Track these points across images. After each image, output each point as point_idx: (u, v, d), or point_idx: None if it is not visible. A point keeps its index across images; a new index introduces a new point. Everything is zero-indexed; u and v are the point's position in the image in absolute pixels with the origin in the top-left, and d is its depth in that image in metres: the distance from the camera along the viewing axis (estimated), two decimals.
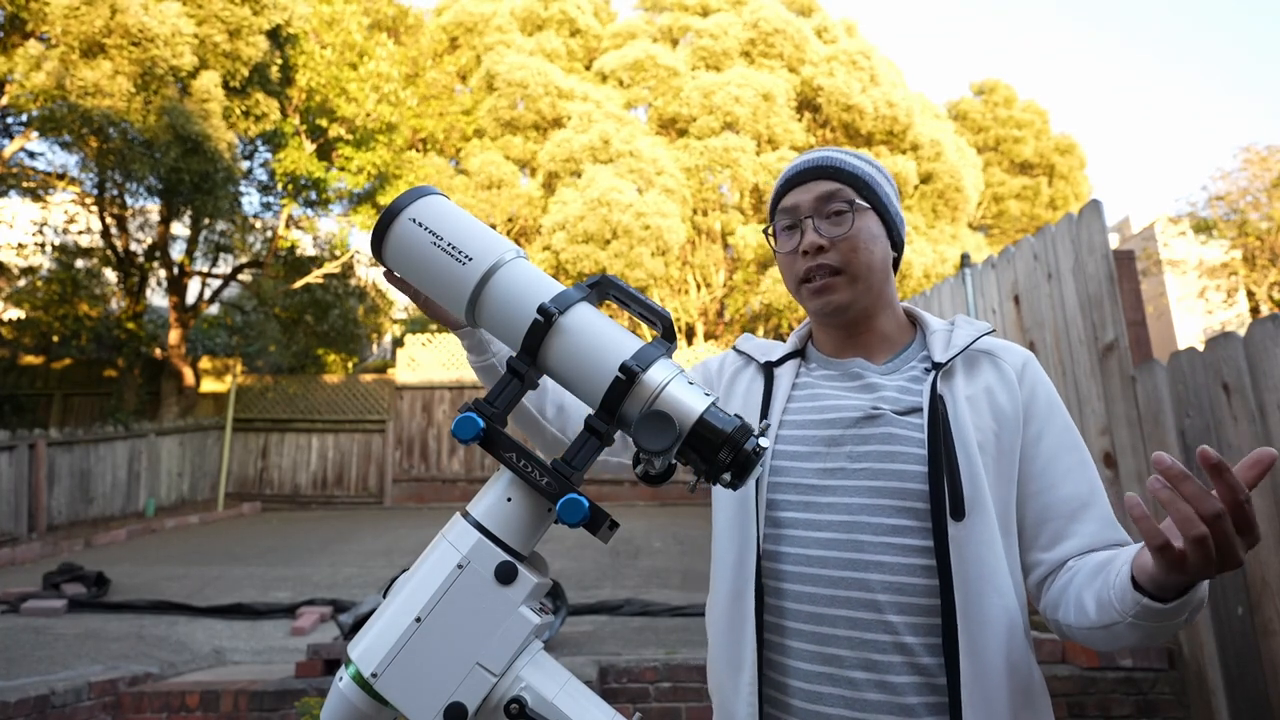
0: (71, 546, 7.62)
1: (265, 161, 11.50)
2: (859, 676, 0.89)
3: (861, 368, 1.03)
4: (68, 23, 7.86)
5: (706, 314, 13.57)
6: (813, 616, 0.92)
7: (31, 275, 10.90)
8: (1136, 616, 0.77)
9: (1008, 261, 3.89)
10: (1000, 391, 0.96)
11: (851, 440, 0.96)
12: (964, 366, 0.99)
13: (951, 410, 0.94)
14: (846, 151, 1.05)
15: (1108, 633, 0.82)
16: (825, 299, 1.00)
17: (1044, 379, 0.99)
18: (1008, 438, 0.94)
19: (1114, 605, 0.79)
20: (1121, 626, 0.80)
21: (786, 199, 1.04)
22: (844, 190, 1.00)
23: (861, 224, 1.00)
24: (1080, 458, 0.95)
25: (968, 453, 0.91)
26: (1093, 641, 0.86)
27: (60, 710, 3.03)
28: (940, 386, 0.95)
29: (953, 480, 0.90)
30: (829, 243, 0.99)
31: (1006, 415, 0.95)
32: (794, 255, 1.02)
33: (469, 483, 10.99)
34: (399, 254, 0.83)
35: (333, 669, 3.24)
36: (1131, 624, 0.78)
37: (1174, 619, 0.77)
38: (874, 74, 13.26)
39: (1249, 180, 11.76)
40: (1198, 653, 2.66)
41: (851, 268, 0.99)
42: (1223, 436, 2.48)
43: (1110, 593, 0.80)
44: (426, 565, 0.75)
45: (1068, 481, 0.94)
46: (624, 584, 5.39)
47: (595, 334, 0.78)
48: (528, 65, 13.12)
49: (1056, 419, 0.97)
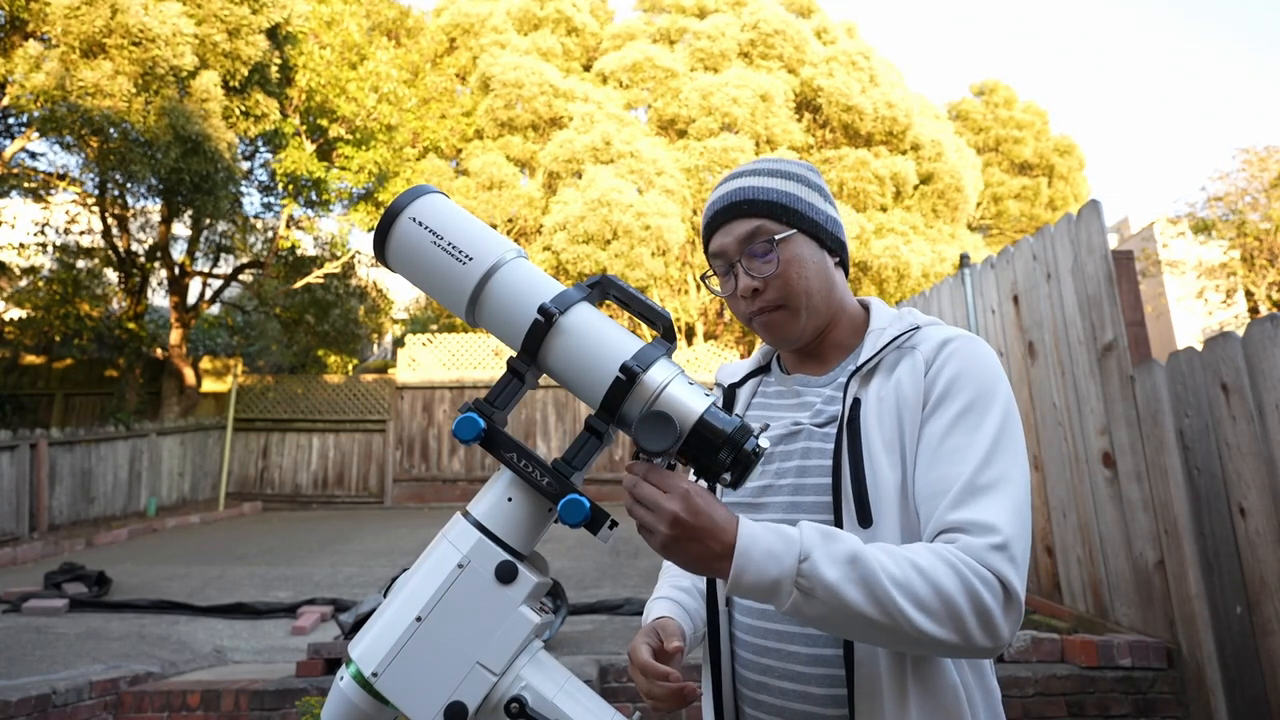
0: (73, 546, 7.62)
1: (265, 162, 11.50)
2: (787, 687, 0.92)
3: (801, 383, 1.04)
4: (68, 23, 7.86)
5: (706, 314, 13.57)
6: (752, 629, 0.97)
7: (33, 275, 10.90)
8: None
9: (1007, 262, 3.89)
10: (907, 382, 0.92)
11: (778, 457, 0.99)
12: (888, 365, 0.95)
13: (864, 414, 0.92)
14: (760, 170, 1.03)
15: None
16: (776, 334, 1.01)
17: (961, 358, 0.91)
18: (909, 428, 0.90)
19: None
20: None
21: (713, 243, 1.03)
22: (763, 226, 0.98)
23: (789, 254, 0.98)
24: (969, 439, 0.86)
25: (871, 455, 0.90)
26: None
27: (62, 709, 3.03)
28: (859, 390, 0.94)
29: (858, 486, 0.89)
30: (763, 283, 0.98)
31: (909, 404, 0.90)
32: (735, 298, 1.02)
33: (469, 482, 10.99)
34: (401, 254, 0.83)
35: (333, 668, 3.25)
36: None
37: (768, 602, 0.78)
38: (873, 74, 13.26)
39: (1247, 180, 11.76)
40: (1196, 652, 2.67)
41: (791, 300, 0.98)
42: (1221, 436, 2.48)
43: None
44: (427, 565, 0.76)
45: (941, 464, 0.86)
46: (624, 584, 5.39)
47: (596, 334, 0.78)
48: (523, 65, 13.12)
49: (955, 399, 0.88)
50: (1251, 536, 2.37)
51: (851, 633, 0.79)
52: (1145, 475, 2.87)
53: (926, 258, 12.00)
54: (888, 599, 0.75)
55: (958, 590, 0.76)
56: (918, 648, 0.78)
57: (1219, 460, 2.49)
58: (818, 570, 0.75)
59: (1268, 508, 2.30)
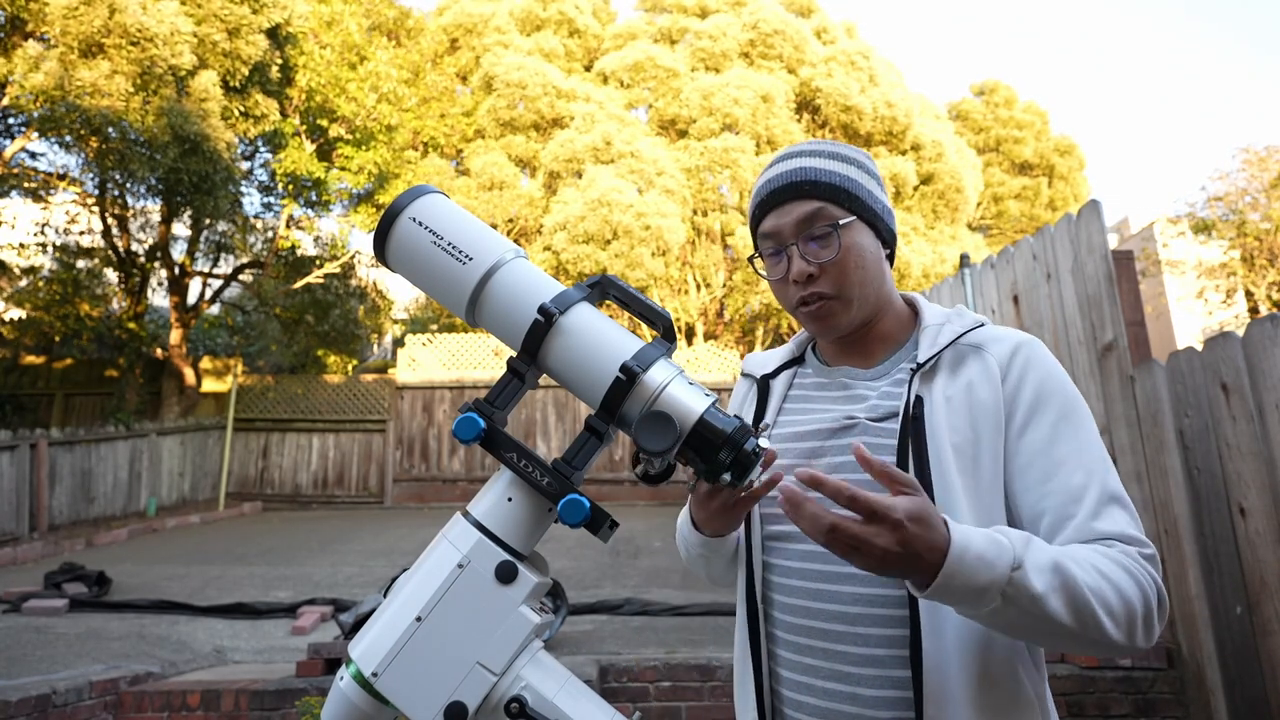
0: (73, 546, 7.62)
1: (265, 162, 11.51)
2: (832, 688, 0.89)
3: (849, 375, 1.01)
4: (67, 23, 7.86)
5: (706, 314, 13.57)
6: (794, 628, 0.94)
7: (33, 275, 10.91)
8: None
9: (1007, 262, 3.89)
10: (982, 386, 0.89)
11: (831, 451, 0.95)
12: (949, 364, 0.93)
13: (929, 412, 0.89)
14: (819, 151, 0.99)
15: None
16: (824, 324, 0.98)
17: (1038, 365, 0.91)
18: (988, 436, 0.88)
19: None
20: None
21: (766, 223, 0.99)
22: (825, 209, 0.94)
23: (849, 241, 0.94)
24: (1077, 445, 0.87)
25: (940, 457, 0.87)
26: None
27: (62, 709, 3.03)
28: (920, 387, 0.91)
29: (924, 485, 0.86)
30: (819, 269, 0.94)
31: (987, 411, 0.88)
32: (784, 283, 0.98)
33: (469, 482, 10.99)
34: (401, 254, 0.83)
35: (333, 668, 3.25)
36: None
37: (961, 606, 0.75)
38: (873, 74, 13.26)
39: (1247, 181, 11.77)
40: (1196, 652, 2.67)
41: (845, 290, 0.95)
42: (1221, 436, 2.48)
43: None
44: (427, 565, 0.76)
45: (1060, 473, 0.86)
46: (624, 583, 5.39)
47: (596, 334, 0.78)
48: (525, 65, 13.13)
49: (1048, 407, 0.89)
50: (1251, 536, 2.37)
51: (1025, 634, 0.78)
52: (1145, 475, 2.87)
53: (927, 258, 12.00)
54: (1087, 609, 0.75)
55: (1138, 598, 0.79)
56: (1084, 648, 0.79)
57: (1219, 460, 2.49)
58: (1028, 580, 0.73)
59: (1268, 508, 2.30)
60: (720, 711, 3.03)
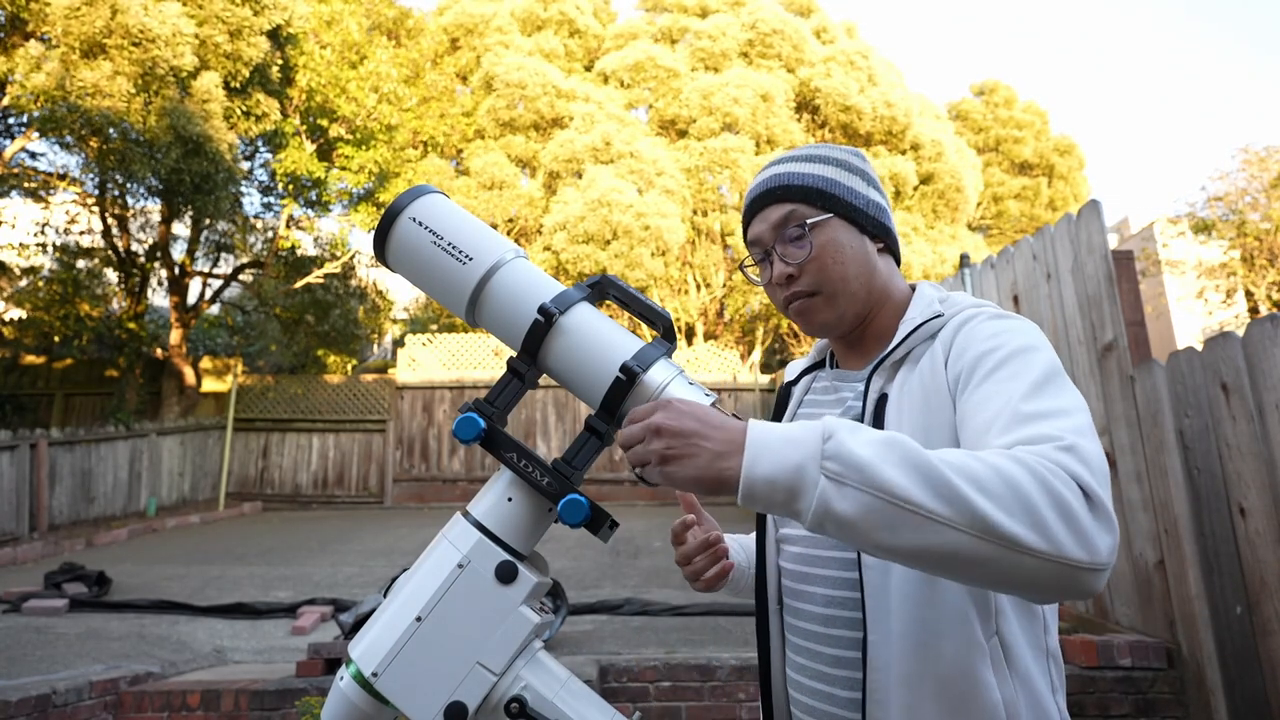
0: (73, 546, 7.62)
1: (266, 162, 11.50)
2: (817, 687, 0.91)
3: (841, 377, 1.02)
4: (68, 23, 7.86)
5: (706, 314, 13.57)
6: (792, 628, 0.96)
7: (33, 275, 10.90)
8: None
9: (1007, 262, 3.89)
10: (933, 372, 0.87)
11: None
12: (915, 356, 0.91)
13: (890, 409, 0.88)
14: (798, 156, 1.01)
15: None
16: (809, 320, 0.99)
17: (980, 334, 0.85)
18: (939, 422, 0.84)
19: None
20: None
21: (750, 231, 1.02)
22: (797, 211, 0.96)
23: (824, 239, 0.95)
24: (1004, 385, 0.78)
25: None
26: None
27: (62, 709, 3.03)
28: (886, 384, 0.91)
29: None
30: (797, 269, 0.96)
31: (940, 396, 0.85)
32: (771, 286, 1.00)
33: (469, 483, 10.99)
34: (401, 254, 0.83)
35: (333, 668, 3.25)
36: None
37: (798, 504, 0.67)
38: (872, 74, 13.26)
39: (1247, 180, 11.75)
40: (1196, 652, 2.67)
41: (826, 286, 0.95)
42: (1221, 436, 2.48)
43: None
44: (427, 565, 0.76)
45: (980, 414, 0.78)
46: (624, 584, 5.39)
47: (596, 334, 0.78)
48: (526, 65, 13.13)
49: (983, 366, 0.82)
50: (1251, 536, 2.37)
51: (904, 539, 0.64)
52: (1145, 475, 2.87)
53: (927, 258, 12.00)
54: (941, 479, 0.63)
55: (1028, 480, 0.63)
56: (996, 560, 0.62)
57: (1219, 460, 2.49)
58: (846, 447, 0.65)
59: (1268, 508, 2.30)
60: (720, 711, 3.03)
